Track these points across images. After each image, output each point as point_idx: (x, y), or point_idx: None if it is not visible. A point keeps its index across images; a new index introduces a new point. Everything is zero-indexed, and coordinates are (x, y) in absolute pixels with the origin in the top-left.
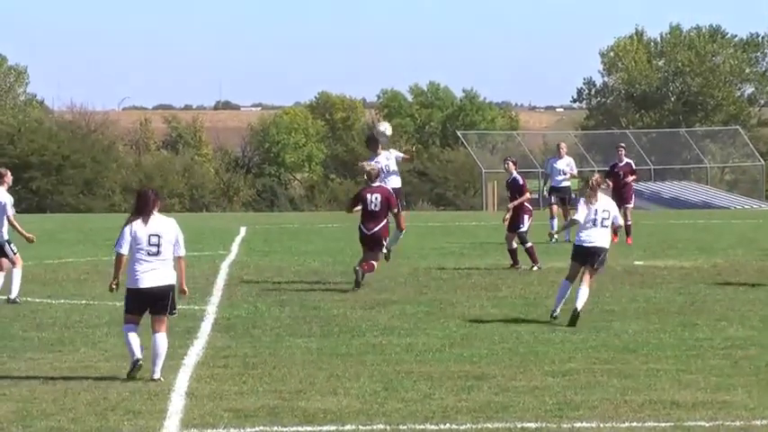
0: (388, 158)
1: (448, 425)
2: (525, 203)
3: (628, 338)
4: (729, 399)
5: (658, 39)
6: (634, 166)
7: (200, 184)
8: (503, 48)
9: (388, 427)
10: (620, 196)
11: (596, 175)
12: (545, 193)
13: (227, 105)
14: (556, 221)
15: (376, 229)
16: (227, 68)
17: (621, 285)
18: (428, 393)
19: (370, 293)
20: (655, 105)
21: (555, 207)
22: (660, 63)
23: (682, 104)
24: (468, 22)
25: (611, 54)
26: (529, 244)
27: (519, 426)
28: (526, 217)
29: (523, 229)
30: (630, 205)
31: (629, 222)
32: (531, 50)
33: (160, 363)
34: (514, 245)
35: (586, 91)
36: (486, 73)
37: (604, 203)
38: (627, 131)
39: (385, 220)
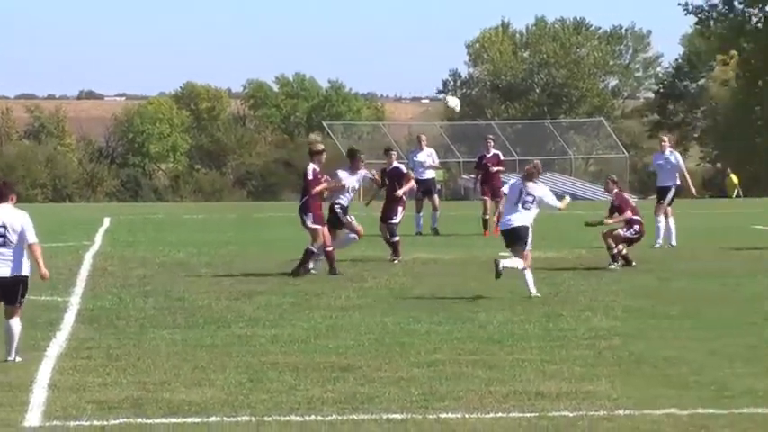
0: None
1: (313, 416)
2: (403, 196)
3: (493, 329)
4: (593, 389)
5: (524, 31)
6: (502, 158)
7: (63, 174)
8: (369, 39)
9: (253, 419)
10: (490, 188)
11: (536, 162)
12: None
13: (90, 95)
14: (422, 216)
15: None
16: (89, 58)
17: (485, 277)
18: (293, 385)
19: (235, 284)
20: (520, 97)
21: (420, 201)
22: (525, 55)
23: (547, 96)
24: (334, 13)
25: (477, 46)
26: (396, 238)
27: (384, 417)
28: (400, 209)
29: (395, 221)
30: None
31: (487, 217)
32: (397, 42)
33: (14, 344)
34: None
35: (452, 82)
36: (351, 64)
37: (532, 188)
38: (492, 123)
39: (306, 197)
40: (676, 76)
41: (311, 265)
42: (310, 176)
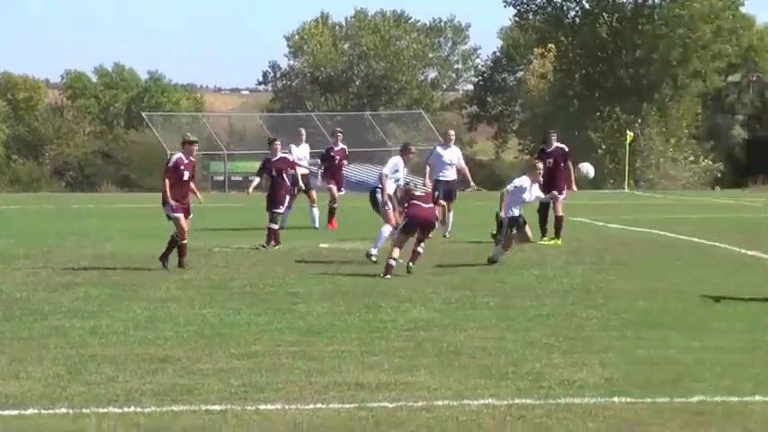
0: None
1: (132, 408)
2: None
3: (313, 320)
4: (412, 380)
5: (344, 23)
6: (347, 152)
7: None
8: (188, 29)
9: (70, 411)
10: (338, 180)
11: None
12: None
13: None
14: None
15: None
16: None
17: (306, 268)
18: (112, 376)
19: (53, 276)
20: (340, 89)
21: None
22: (345, 47)
23: (367, 88)
24: (152, 3)
25: (297, 38)
26: (276, 226)
27: (204, 408)
28: (287, 199)
29: (281, 210)
30: (343, 192)
31: (336, 205)
32: (217, 33)
33: None
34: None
35: (272, 74)
36: (171, 55)
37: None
38: (312, 114)
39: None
40: (495, 69)
41: (373, 251)
42: (170, 164)
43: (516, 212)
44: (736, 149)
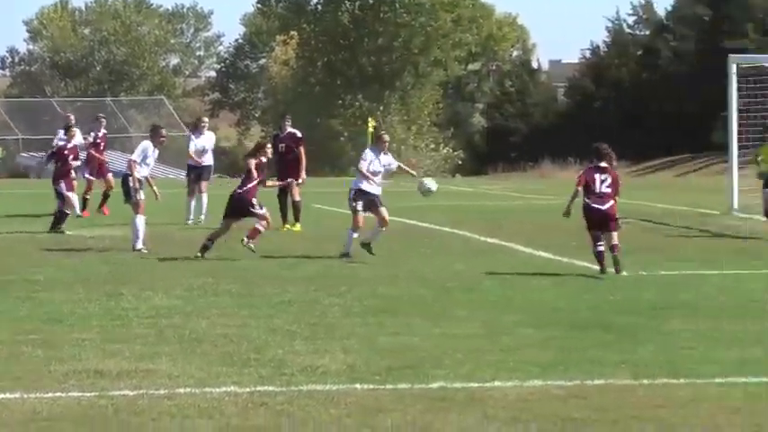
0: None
1: None
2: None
3: (53, 308)
4: (154, 367)
5: (84, 8)
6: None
7: None
8: None
9: None
10: (100, 170)
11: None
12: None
13: None
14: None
15: None
16: None
17: (48, 255)
18: None
19: None
20: (80, 74)
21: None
22: (86, 32)
23: (108, 73)
24: None
25: (36, 22)
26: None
27: None
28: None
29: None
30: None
31: (89, 197)
32: None
33: None
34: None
35: (10, 59)
36: None
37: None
38: (52, 100)
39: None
40: (237, 56)
41: (138, 245)
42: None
43: (361, 186)
44: (475, 137)
